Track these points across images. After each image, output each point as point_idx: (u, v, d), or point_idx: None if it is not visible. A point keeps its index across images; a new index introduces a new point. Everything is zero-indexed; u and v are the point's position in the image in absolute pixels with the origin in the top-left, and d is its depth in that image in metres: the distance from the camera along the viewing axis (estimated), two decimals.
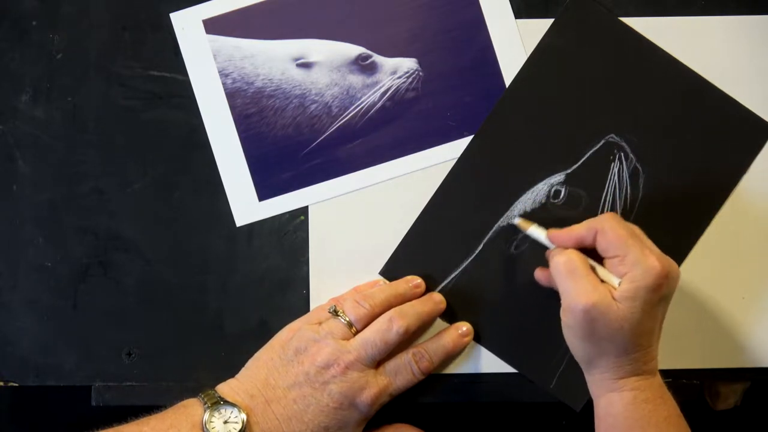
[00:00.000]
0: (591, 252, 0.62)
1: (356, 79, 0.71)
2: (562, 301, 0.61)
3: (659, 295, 0.59)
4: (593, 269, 0.61)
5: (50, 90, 0.71)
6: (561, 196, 0.70)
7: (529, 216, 0.70)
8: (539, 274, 0.68)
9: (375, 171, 0.71)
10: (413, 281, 0.69)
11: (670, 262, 0.60)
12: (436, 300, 0.69)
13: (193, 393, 0.63)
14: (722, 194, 0.71)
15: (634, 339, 0.59)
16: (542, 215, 0.70)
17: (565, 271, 0.61)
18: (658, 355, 0.62)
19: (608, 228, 0.61)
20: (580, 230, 0.62)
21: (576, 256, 0.61)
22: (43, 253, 0.70)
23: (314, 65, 0.71)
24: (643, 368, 0.61)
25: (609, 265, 0.61)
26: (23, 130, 0.71)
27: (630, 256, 0.59)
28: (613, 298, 0.59)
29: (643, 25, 0.71)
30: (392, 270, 0.70)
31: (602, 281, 0.60)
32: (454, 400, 0.70)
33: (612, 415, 0.61)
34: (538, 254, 0.68)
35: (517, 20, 0.72)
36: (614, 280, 0.60)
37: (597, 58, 0.71)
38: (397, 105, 0.71)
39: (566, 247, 0.63)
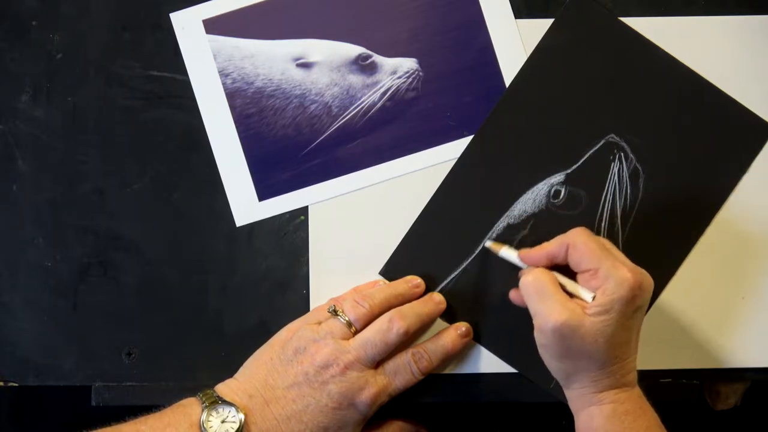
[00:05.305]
0: (564, 269, 0.62)
1: (356, 79, 0.71)
2: (534, 322, 0.61)
3: (633, 306, 0.59)
4: (564, 286, 0.61)
5: (50, 90, 0.71)
6: (561, 196, 0.70)
7: (529, 217, 0.70)
8: (514, 295, 0.67)
9: (375, 171, 0.71)
10: (413, 281, 0.69)
11: (642, 273, 0.59)
12: (437, 300, 0.69)
13: (192, 393, 0.63)
14: (722, 194, 0.70)
15: (610, 352, 0.59)
16: (542, 215, 0.70)
17: (533, 292, 0.60)
18: (656, 354, 0.62)
19: (579, 242, 0.60)
20: (551, 247, 0.62)
21: (543, 276, 0.61)
22: (43, 253, 0.70)
23: (314, 65, 0.71)
24: (621, 380, 0.60)
25: (581, 279, 0.61)
26: (23, 130, 0.71)
27: (602, 269, 0.59)
28: (586, 314, 0.58)
29: (643, 24, 0.71)
30: (392, 270, 0.70)
31: (574, 297, 0.60)
32: (454, 400, 0.70)
33: (593, 428, 0.60)
34: None
35: (517, 20, 0.72)
36: (587, 295, 0.59)
37: (597, 58, 0.71)
38: (397, 105, 0.71)
39: (538, 266, 0.63)
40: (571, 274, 0.62)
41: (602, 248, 0.60)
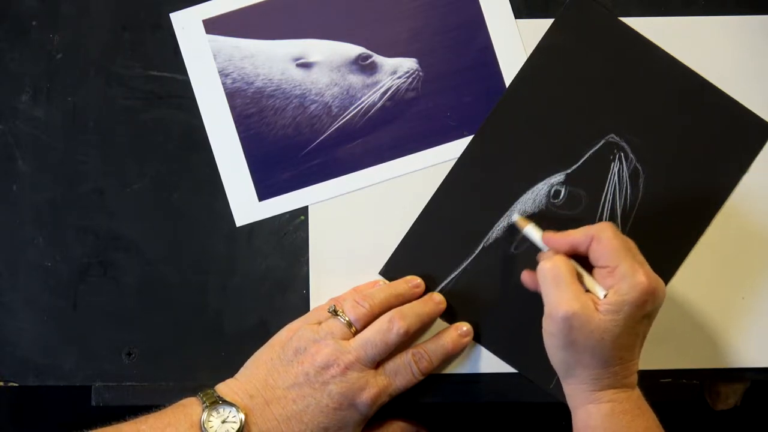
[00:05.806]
0: (583, 260, 0.62)
1: (356, 79, 0.71)
2: (545, 308, 0.61)
3: (643, 311, 0.59)
4: (580, 277, 0.61)
5: (50, 90, 0.71)
6: (561, 196, 0.70)
7: (529, 217, 0.70)
8: (526, 277, 0.67)
9: (375, 171, 0.71)
10: (413, 281, 0.69)
11: (657, 280, 0.59)
12: (437, 300, 0.69)
13: (192, 393, 0.63)
14: (722, 194, 0.70)
15: (614, 352, 0.59)
16: (542, 215, 0.70)
17: (549, 278, 0.60)
18: (656, 354, 0.62)
19: (604, 237, 0.60)
20: (576, 236, 0.62)
21: (562, 263, 0.61)
22: (43, 253, 0.70)
23: (314, 65, 0.71)
24: (622, 381, 0.60)
25: (598, 275, 0.61)
26: (23, 130, 0.71)
27: (620, 268, 0.59)
28: (597, 310, 0.59)
29: (643, 24, 0.71)
30: (392, 270, 0.70)
31: (588, 290, 0.60)
32: (454, 400, 0.70)
33: (590, 427, 0.60)
34: None
35: (517, 20, 0.72)
36: (600, 292, 0.59)
37: (597, 58, 0.71)
38: (397, 105, 0.71)
39: (559, 251, 0.63)
40: (589, 268, 0.62)
41: (625, 248, 0.60)
